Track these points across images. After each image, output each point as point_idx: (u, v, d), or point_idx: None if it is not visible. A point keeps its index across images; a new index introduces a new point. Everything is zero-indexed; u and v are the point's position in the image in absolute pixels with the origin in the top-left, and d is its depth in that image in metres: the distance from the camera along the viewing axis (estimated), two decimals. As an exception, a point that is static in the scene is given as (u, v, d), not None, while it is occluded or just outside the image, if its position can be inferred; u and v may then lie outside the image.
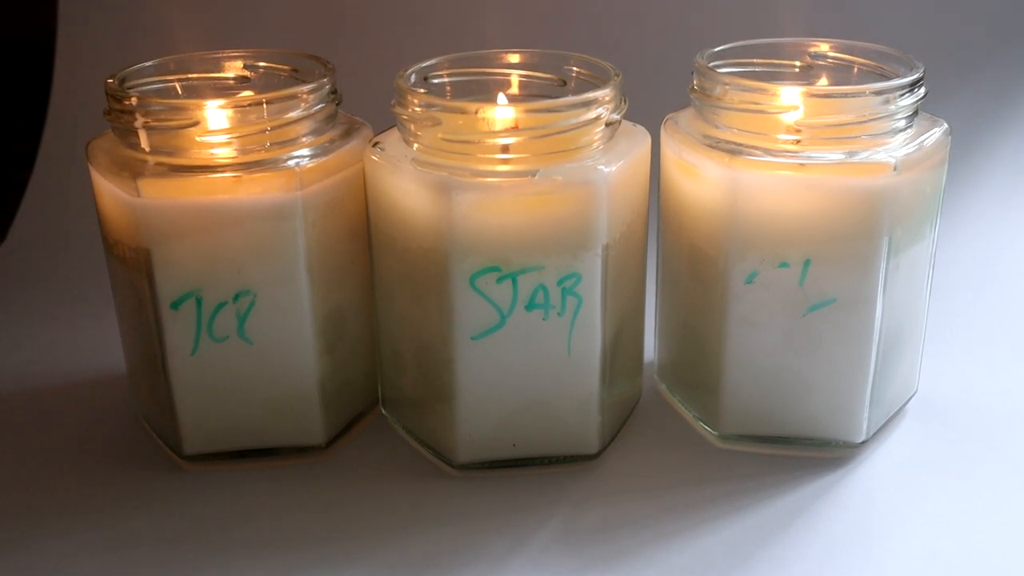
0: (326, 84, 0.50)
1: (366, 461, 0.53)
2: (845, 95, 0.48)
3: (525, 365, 0.49)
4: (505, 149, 0.47)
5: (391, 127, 0.51)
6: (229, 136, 0.48)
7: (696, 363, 0.53)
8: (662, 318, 0.56)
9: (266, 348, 0.50)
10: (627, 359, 0.53)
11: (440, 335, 0.49)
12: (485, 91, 0.53)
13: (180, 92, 0.54)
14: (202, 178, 0.47)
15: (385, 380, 0.55)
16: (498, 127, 0.47)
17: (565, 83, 0.53)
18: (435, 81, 0.52)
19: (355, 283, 0.52)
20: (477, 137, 0.47)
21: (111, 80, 0.50)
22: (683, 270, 0.53)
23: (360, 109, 0.55)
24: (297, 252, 0.49)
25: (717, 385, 0.52)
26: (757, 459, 0.52)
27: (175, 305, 0.49)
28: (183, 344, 0.49)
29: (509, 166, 0.46)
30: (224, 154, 0.48)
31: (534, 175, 0.46)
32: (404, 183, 0.48)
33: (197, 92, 0.54)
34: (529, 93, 0.53)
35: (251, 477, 0.52)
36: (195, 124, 0.47)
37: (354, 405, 0.55)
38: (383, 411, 0.56)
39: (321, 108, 0.50)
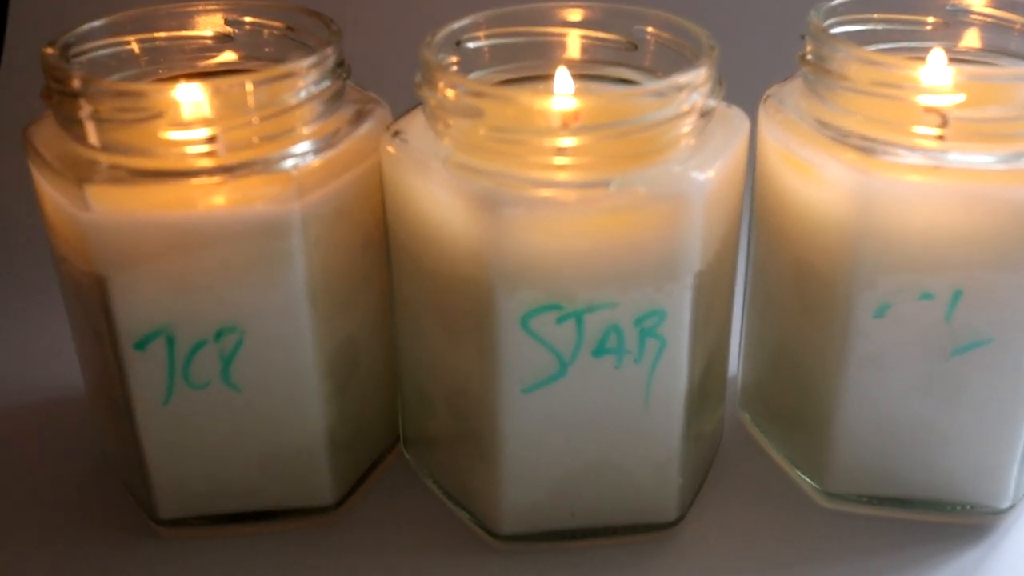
0: (330, 55, 0.39)
1: (385, 524, 0.42)
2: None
3: (590, 422, 0.38)
4: (566, 151, 0.35)
5: (414, 106, 0.40)
6: (204, 129, 0.36)
7: (797, 401, 0.43)
8: (751, 337, 0.46)
9: (258, 396, 0.39)
10: (713, 399, 0.42)
11: (481, 383, 0.38)
12: (533, 57, 0.42)
13: (142, 57, 0.42)
14: (170, 185, 0.36)
15: (408, 419, 0.44)
16: (558, 122, 0.36)
17: (636, 47, 0.41)
18: (470, 46, 0.41)
19: (370, 304, 0.42)
20: (532, 136, 0.35)
21: (50, 49, 0.38)
22: (785, 289, 0.42)
23: (371, 77, 0.44)
24: (295, 277, 0.38)
25: (826, 432, 0.41)
26: (875, 525, 0.42)
27: (140, 345, 0.38)
28: (152, 392, 0.39)
29: (572, 173, 0.35)
30: (198, 153, 0.36)
31: (608, 186, 0.35)
32: (434, 189, 0.36)
33: (165, 57, 0.43)
34: (590, 58, 0.42)
35: (243, 545, 0.42)
36: (158, 115, 0.36)
37: (370, 451, 0.44)
38: (405, 453, 0.45)
39: (325, 87, 0.38)
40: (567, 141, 0.35)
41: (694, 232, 0.36)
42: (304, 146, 0.37)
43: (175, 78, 0.42)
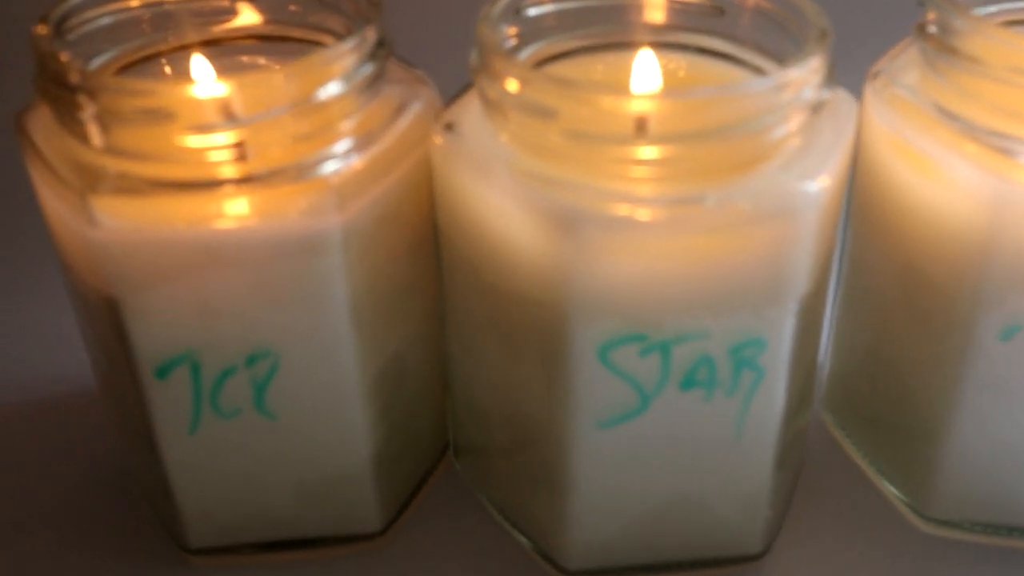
0: (370, 34, 0.33)
1: (437, 550, 0.38)
2: None
3: (673, 457, 0.34)
4: (655, 160, 0.30)
5: (465, 87, 0.34)
6: (228, 132, 0.31)
7: (895, 414, 0.38)
8: (840, 335, 0.41)
9: (296, 423, 0.35)
10: (803, 408, 0.38)
11: (550, 414, 0.33)
12: (603, 23, 0.36)
13: (146, 24, 0.36)
14: (189, 197, 0.31)
15: (459, 431, 0.40)
16: (644, 126, 0.30)
17: (723, 12, 0.35)
18: (532, 13, 0.35)
19: (417, 313, 0.37)
20: (616, 144, 0.30)
21: (43, 28, 0.33)
22: (888, 293, 0.36)
23: (413, 44, 0.38)
24: (336, 297, 0.33)
25: (933, 456, 0.37)
26: (985, 555, 0.38)
27: (162, 373, 0.33)
28: (177, 421, 0.34)
29: (662, 186, 0.30)
30: (221, 159, 0.31)
31: (704, 201, 0.29)
32: (497, 198, 0.31)
33: (175, 22, 0.37)
34: (669, 24, 0.36)
35: (282, 575, 0.38)
36: (171, 116, 0.30)
37: (418, 467, 0.40)
38: (455, 464, 0.41)
39: (366, 74, 0.33)
40: (657, 149, 0.29)
41: (803, 250, 0.31)
42: (342, 145, 0.32)
43: (187, 47, 0.37)
